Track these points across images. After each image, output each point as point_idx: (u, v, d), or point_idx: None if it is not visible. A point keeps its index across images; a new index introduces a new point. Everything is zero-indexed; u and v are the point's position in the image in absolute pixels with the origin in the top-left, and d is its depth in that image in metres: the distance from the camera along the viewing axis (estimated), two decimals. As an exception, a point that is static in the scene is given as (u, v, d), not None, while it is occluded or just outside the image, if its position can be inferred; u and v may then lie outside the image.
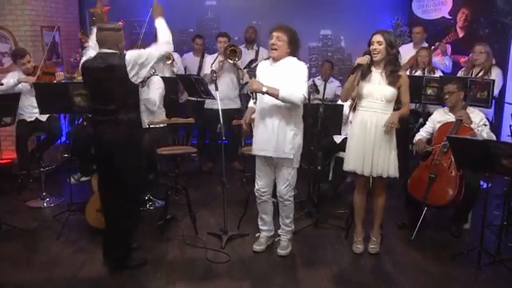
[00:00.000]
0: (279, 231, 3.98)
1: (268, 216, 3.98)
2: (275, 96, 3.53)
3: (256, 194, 3.90)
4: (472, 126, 4.16)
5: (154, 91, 4.80)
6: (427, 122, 4.63)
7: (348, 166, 3.83)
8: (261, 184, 3.84)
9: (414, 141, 4.61)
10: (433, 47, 5.91)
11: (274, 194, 3.93)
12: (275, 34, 3.61)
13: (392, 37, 3.72)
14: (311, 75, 7.25)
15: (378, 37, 3.64)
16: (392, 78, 3.65)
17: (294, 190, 3.87)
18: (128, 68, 3.38)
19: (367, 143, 3.70)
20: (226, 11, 7.50)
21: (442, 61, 5.87)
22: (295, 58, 3.69)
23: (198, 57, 6.63)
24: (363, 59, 3.65)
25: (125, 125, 3.46)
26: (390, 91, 3.65)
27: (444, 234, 4.28)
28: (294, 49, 3.67)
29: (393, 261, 3.83)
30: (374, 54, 3.66)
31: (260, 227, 4.03)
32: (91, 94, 3.67)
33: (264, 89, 3.52)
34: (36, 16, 6.16)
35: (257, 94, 3.60)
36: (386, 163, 3.71)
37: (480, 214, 3.72)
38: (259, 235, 4.06)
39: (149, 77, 4.77)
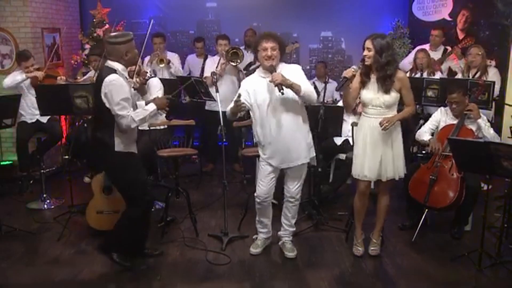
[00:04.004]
0: (282, 233, 3.97)
1: (269, 219, 3.96)
2: (298, 91, 3.46)
3: (258, 200, 3.84)
4: (479, 121, 4.18)
5: (155, 94, 4.79)
6: (430, 120, 4.58)
7: (354, 172, 3.81)
8: (264, 190, 3.79)
9: (421, 138, 4.43)
10: (448, 50, 5.91)
11: (274, 195, 3.92)
12: (268, 45, 3.51)
13: (384, 41, 3.56)
14: (311, 77, 7.27)
15: (367, 43, 3.58)
16: (385, 86, 3.59)
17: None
18: (102, 90, 3.39)
19: (371, 150, 3.69)
20: (226, 12, 7.51)
21: (458, 65, 5.85)
22: (285, 64, 3.67)
23: (201, 59, 6.62)
24: (348, 72, 3.63)
25: (96, 142, 3.53)
26: (389, 97, 3.62)
27: (445, 236, 4.28)
28: (283, 54, 3.65)
29: (394, 263, 3.83)
30: (365, 59, 3.62)
31: (259, 230, 4.00)
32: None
33: (290, 82, 3.41)
34: (36, 18, 6.17)
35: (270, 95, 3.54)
36: (396, 165, 3.71)
37: (480, 216, 3.72)
38: (256, 237, 4.04)
39: (147, 80, 4.77)
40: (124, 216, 3.66)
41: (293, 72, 3.58)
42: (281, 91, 3.38)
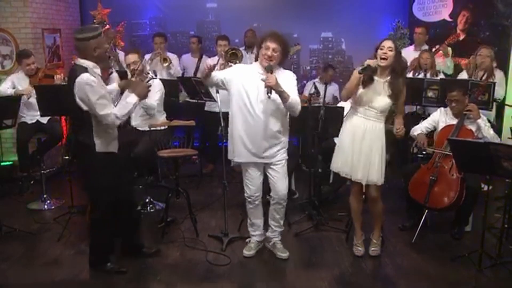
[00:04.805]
0: (270, 234, 3.94)
1: (261, 220, 3.95)
2: (285, 100, 3.45)
3: (249, 200, 3.85)
4: (479, 121, 4.18)
5: (153, 95, 4.79)
6: (427, 119, 4.59)
7: (334, 165, 3.86)
8: (253, 189, 3.80)
9: (413, 133, 4.49)
10: (434, 49, 5.90)
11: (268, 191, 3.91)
12: (271, 45, 3.49)
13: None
14: (310, 77, 7.26)
15: (389, 43, 3.58)
16: (395, 96, 3.60)
17: (296, 192, 3.86)
18: (74, 91, 3.27)
19: (357, 151, 3.70)
20: (226, 13, 7.50)
21: (444, 63, 5.85)
22: (282, 68, 3.65)
23: (195, 58, 6.63)
24: (373, 61, 3.59)
25: (76, 144, 3.47)
26: (389, 102, 3.63)
27: (445, 236, 4.28)
28: (284, 58, 3.64)
29: (394, 264, 3.83)
30: (382, 59, 3.57)
31: (252, 232, 3.98)
32: None
33: (281, 89, 3.40)
34: (37, 18, 6.17)
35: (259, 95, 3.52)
36: (380, 170, 3.71)
37: (481, 217, 3.72)
38: (249, 240, 4.02)
39: (147, 81, 4.77)
40: (91, 222, 3.71)
41: (287, 79, 3.57)
42: (269, 94, 3.38)
